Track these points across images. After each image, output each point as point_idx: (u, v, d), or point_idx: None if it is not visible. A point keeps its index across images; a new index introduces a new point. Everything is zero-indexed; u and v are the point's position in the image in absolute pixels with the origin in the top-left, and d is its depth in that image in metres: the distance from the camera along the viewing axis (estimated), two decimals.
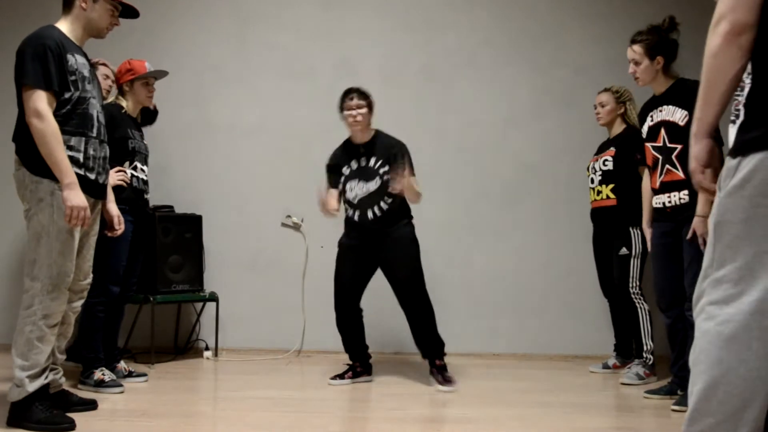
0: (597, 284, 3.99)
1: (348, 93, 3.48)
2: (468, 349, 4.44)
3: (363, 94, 3.47)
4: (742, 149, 1.42)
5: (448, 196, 4.55)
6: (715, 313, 1.43)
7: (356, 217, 3.46)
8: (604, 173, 3.75)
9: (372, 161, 3.46)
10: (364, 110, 3.42)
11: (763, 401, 1.38)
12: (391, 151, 3.44)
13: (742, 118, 1.48)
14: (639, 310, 3.63)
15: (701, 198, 2.78)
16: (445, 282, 4.46)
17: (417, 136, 4.48)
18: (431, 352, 3.48)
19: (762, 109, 1.41)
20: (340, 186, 3.52)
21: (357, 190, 3.45)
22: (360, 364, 3.58)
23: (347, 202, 3.50)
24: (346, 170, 3.50)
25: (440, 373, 3.44)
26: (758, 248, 1.39)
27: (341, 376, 3.53)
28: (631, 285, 3.65)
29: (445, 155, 4.59)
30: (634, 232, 3.64)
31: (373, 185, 3.43)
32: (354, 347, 3.57)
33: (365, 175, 3.45)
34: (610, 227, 3.78)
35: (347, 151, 3.55)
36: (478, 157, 4.55)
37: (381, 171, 3.42)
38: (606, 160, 3.75)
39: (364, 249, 3.49)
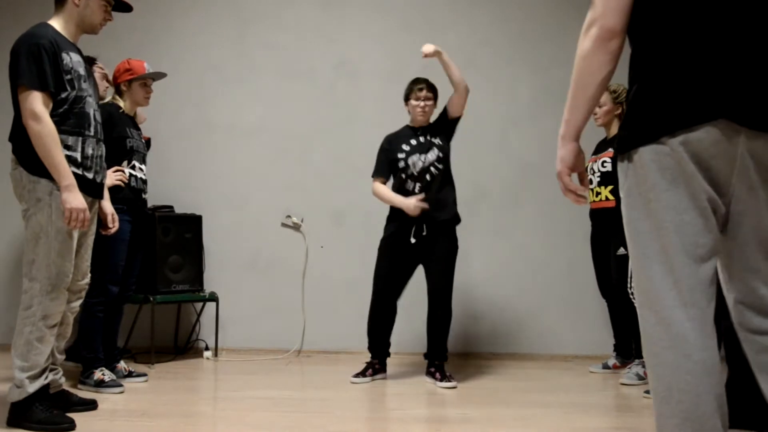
0: (596, 284, 3.99)
1: (417, 83, 3.65)
2: (468, 349, 4.44)
3: (431, 87, 3.65)
4: (623, 147, 1.47)
5: None
6: (646, 314, 1.44)
7: (416, 189, 3.55)
8: (603, 174, 3.75)
9: (428, 136, 3.63)
10: (431, 102, 3.63)
11: (719, 390, 1.38)
12: (439, 123, 3.66)
13: (623, 118, 1.51)
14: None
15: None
16: None
17: None
18: (437, 354, 3.54)
19: (635, 107, 1.45)
20: (401, 163, 3.59)
21: (419, 163, 3.56)
22: (379, 361, 3.63)
23: (409, 177, 3.57)
24: (405, 147, 3.62)
25: (439, 371, 3.49)
26: (661, 242, 1.41)
27: (363, 374, 3.56)
28: (629, 285, 3.65)
29: None
30: None
31: (431, 155, 3.57)
32: (380, 345, 3.62)
33: (423, 148, 3.59)
34: (608, 228, 3.77)
35: (405, 132, 3.69)
36: (478, 157, 4.55)
37: (435, 141, 3.60)
38: (605, 161, 3.75)
39: (408, 242, 3.54)
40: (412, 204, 3.47)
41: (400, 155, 3.60)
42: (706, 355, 1.38)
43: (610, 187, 3.72)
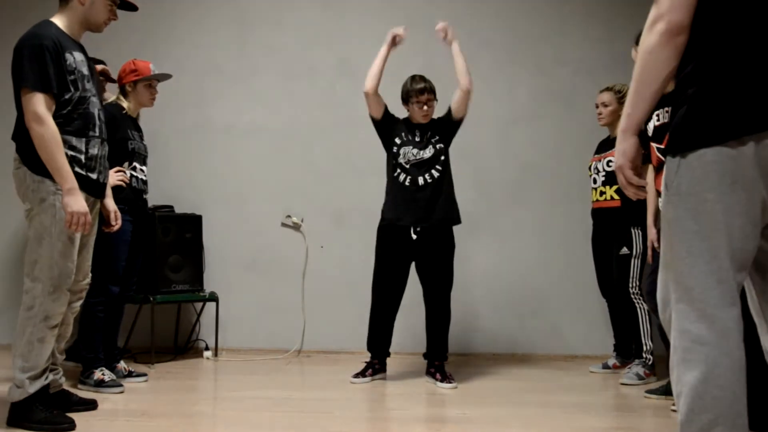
0: (596, 284, 3.99)
1: (416, 82, 3.61)
2: (468, 349, 4.44)
3: (432, 88, 3.62)
4: (680, 147, 1.46)
5: None
6: (687, 310, 1.45)
7: (407, 182, 3.52)
8: (608, 174, 3.74)
9: (427, 134, 3.58)
10: (432, 104, 3.61)
11: (745, 389, 1.41)
12: (441, 122, 3.61)
13: (677, 117, 1.50)
14: (638, 310, 3.63)
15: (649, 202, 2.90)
16: None
17: None
18: (437, 354, 3.54)
19: (698, 108, 1.45)
20: (394, 148, 3.58)
21: (409, 155, 3.54)
22: (379, 361, 3.62)
23: (399, 166, 3.55)
24: (403, 135, 3.59)
25: (439, 372, 3.48)
26: (710, 243, 1.43)
27: (363, 374, 3.56)
28: (630, 285, 3.65)
29: None
30: (635, 232, 3.63)
31: (427, 153, 3.54)
32: (380, 344, 3.61)
33: (420, 144, 3.56)
34: (611, 227, 3.77)
35: (404, 123, 3.66)
36: (478, 157, 4.55)
37: (433, 140, 3.55)
38: (610, 160, 3.74)
39: (403, 242, 3.52)
40: (395, 32, 3.59)
41: (397, 140, 3.58)
42: (742, 354, 1.41)
43: (615, 187, 3.72)
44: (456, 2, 4.67)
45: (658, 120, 3.10)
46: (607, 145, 3.87)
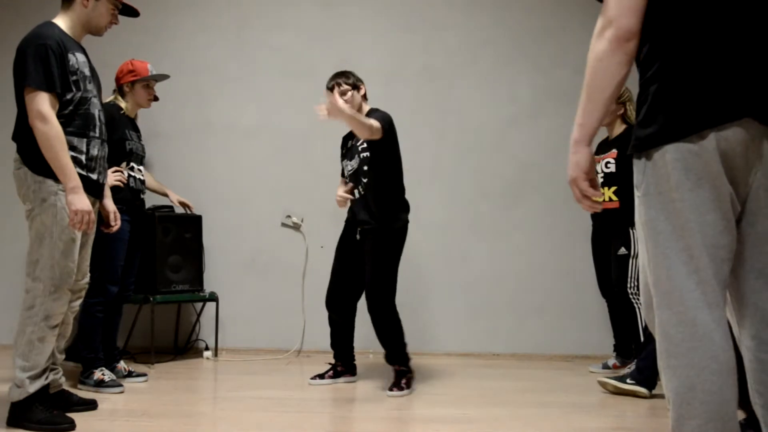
0: (597, 284, 3.99)
1: (330, 80, 3.43)
2: (468, 349, 4.44)
3: (343, 75, 3.40)
4: (642, 145, 1.46)
5: (448, 196, 4.55)
6: (668, 314, 1.42)
7: (355, 192, 3.46)
8: (607, 175, 3.75)
9: (356, 141, 3.49)
10: (347, 96, 3.36)
11: (737, 391, 1.39)
12: None
13: (640, 114, 1.49)
14: (637, 310, 3.63)
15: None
16: (445, 282, 4.46)
17: (417, 136, 4.49)
18: (388, 358, 3.38)
19: (657, 106, 1.44)
20: (341, 164, 3.63)
21: (348, 167, 3.52)
22: (342, 363, 3.56)
23: (345, 177, 3.56)
24: (343, 150, 3.62)
25: (396, 377, 3.33)
26: (685, 242, 1.40)
27: (321, 376, 3.53)
28: (629, 285, 3.65)
29: (445, 155, 4.59)
30: (633, 233, 3.64)
31: (355, 162, 3.46)
32: (338, 346, 3.53)
33: (350, 154, 3.51)
34: (610, 228, 3.78)
35: (346, 134, 3.65)
36: (478, 157, 4.55)
37: (360, 148, 3.44)
38: (608, 162, 3.74)
39: (356, 242, 3.46)
40: (336, 197, 3.47)
41: (341, 157, 3.63)
42: (729, 355, 1.38)
43: (613, 188, 3.72)
44: (456, 2, 4.67)
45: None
46: (606, 146, 3.87)
